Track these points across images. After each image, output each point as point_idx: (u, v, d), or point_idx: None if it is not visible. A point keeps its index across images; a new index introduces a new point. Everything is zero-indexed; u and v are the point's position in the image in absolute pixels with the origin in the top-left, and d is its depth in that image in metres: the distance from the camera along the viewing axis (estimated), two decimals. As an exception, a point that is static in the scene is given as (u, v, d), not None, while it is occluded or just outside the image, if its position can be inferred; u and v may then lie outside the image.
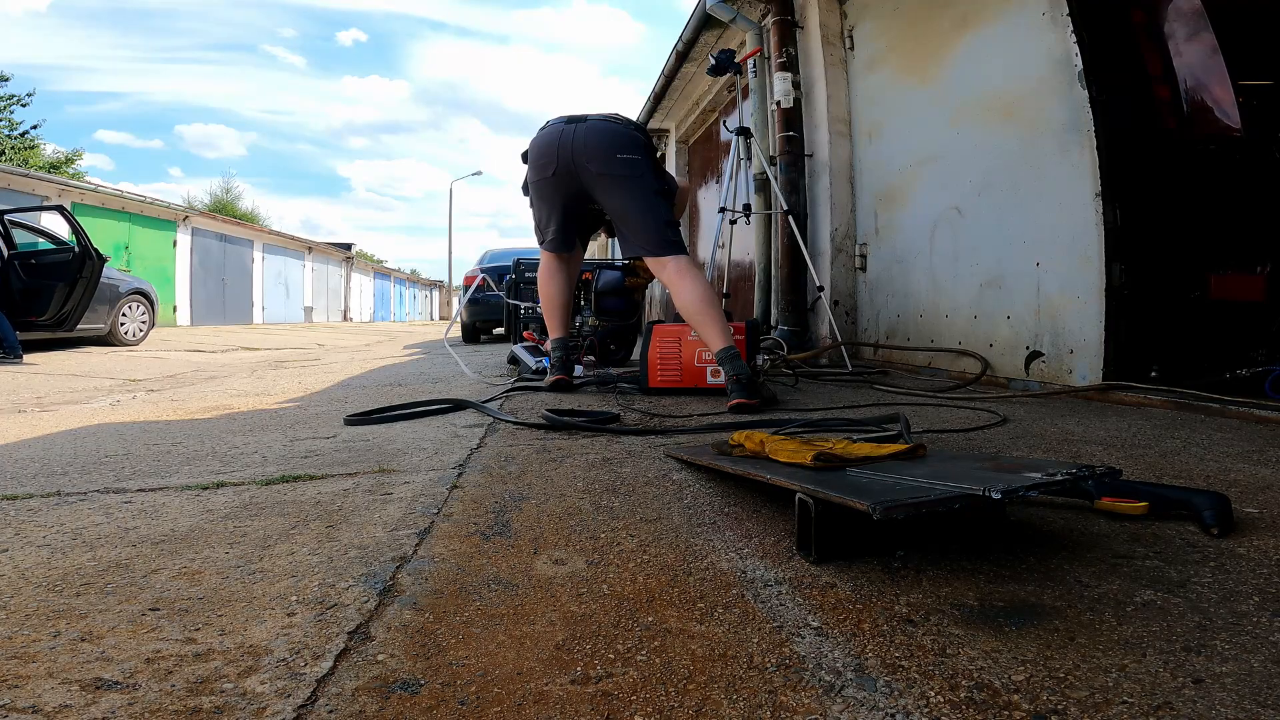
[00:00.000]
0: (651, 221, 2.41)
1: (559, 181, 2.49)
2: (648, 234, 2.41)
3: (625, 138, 2.42)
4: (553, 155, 2.46)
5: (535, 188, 2.59)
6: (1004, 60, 2.80)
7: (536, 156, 2.52)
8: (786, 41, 4.11)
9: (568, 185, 2.50)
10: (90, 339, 6.94)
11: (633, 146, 2.42)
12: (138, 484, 1.32)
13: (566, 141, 2.43)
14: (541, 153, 2.49)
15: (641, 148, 2.44)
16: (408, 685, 0.60)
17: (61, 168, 19.92)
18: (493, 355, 5.12)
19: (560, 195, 2.55)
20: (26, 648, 0.67)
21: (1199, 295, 2.42)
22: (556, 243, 2.65)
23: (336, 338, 10.94)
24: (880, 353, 3.70)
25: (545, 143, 2.49)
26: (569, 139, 2.43)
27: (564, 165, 2.44)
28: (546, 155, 2.48)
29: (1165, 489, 1.02)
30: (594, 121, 2.45)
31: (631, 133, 2.46)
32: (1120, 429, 1.73)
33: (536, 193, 2.60)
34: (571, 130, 2.44)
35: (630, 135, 2.44)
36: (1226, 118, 2.40)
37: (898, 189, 3.61)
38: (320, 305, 23.79)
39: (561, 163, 2.44)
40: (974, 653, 0.63)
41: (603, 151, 2.40)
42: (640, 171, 2.41)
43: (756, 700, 0.57)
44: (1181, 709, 0.54)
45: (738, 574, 0.83)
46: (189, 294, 16.36)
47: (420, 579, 0.83)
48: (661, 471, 1.34)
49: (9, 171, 12.41)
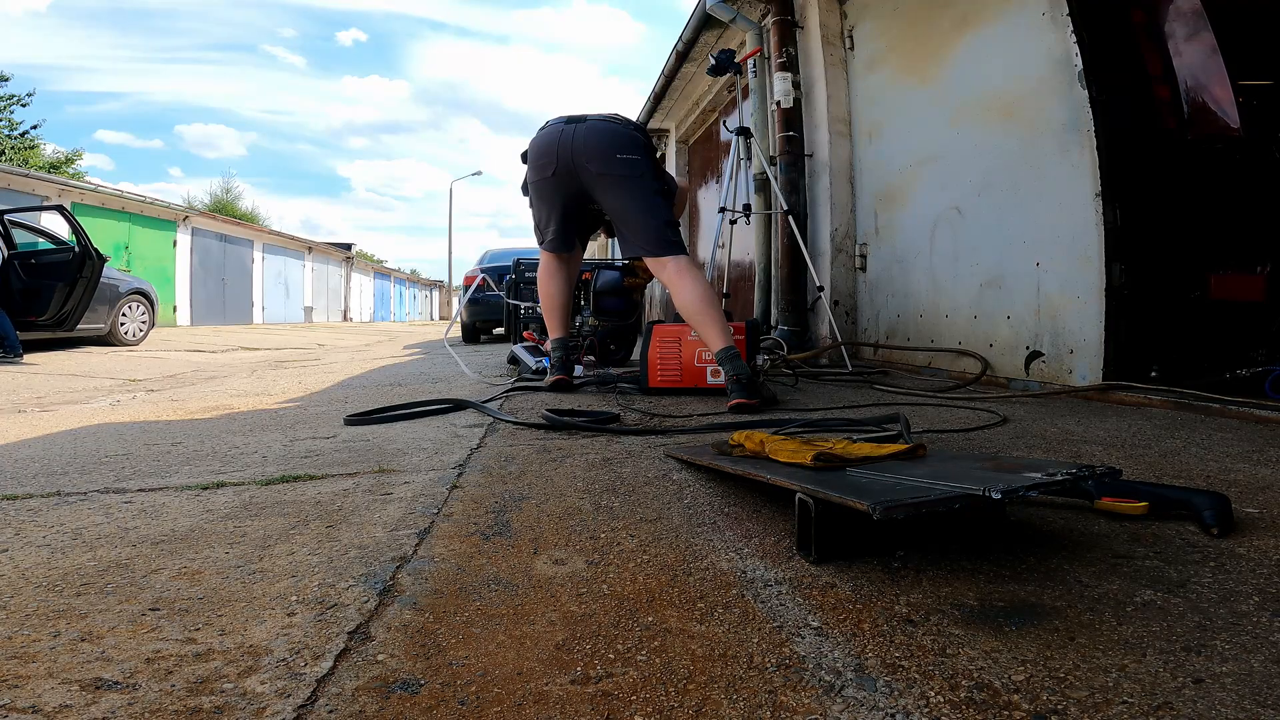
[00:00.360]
0: (651, 221, 2.41)
1: (559, 182, 2.49)
2: (647, 234, 2.42)
3: (625, 138, 2.42)
4: (552, 155, 2.46)
5: (535, 188, 2.59)
6: (1004, 60, 2.80)
7: (536, 157, 2.52)
8: (786, 41, 4.11)
9: (567, 185, 2.50)
10: (90, 339, 6.95)
11: (632, 146, 2.42)
12: (138, 484, 1.32)
13: (566, 141, 2.43)
14: (541, 153, 2.49)
15: (641, 148, 2.44)
16: (408, 685, 0.60)
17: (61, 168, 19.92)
18: (493, 355, 5.12)
19: (560, 195, 2.55)
20: (26, 648, 0.67)
21: (1199, 295, 2.42)
22: (556, 243, 2.65)
23: (336, 338, 10.94)
24: (880, 353, 3.70)
25: (545, 143, 2.48)
26: (569, 139, 2.43)
27: (564, 165, 2.44)
28: (546, 155, 2.47)
29: (1165, 489, 1.02)
30: (594, 121, 2.45)
31: (631, 133, 2.46)
32: (1120, 429, 1.73)
33: (536, 193, 2.60)
34: (571, 130, 2.44)
35: (630, 135, 2.44)
36: (1226, 118, 2.40)
37: (898, 189, 3.61)
38: (320, 305, 23.79)
39: (561, 163, 2.44)
40: (974, 653, 0.63)
41: (602, 151, 2.40)
42: (640, 171, 2.41)
43: (756, 700, 0.57)
44: (1181, 709, 0.54)
45: (738, 574, 0.83)
46: (189, 294, 16.36)
47: (420, 579, 0.83)
48: (661, 471, 1.34)
49: (9, 171, 12.41)
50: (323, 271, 24.34)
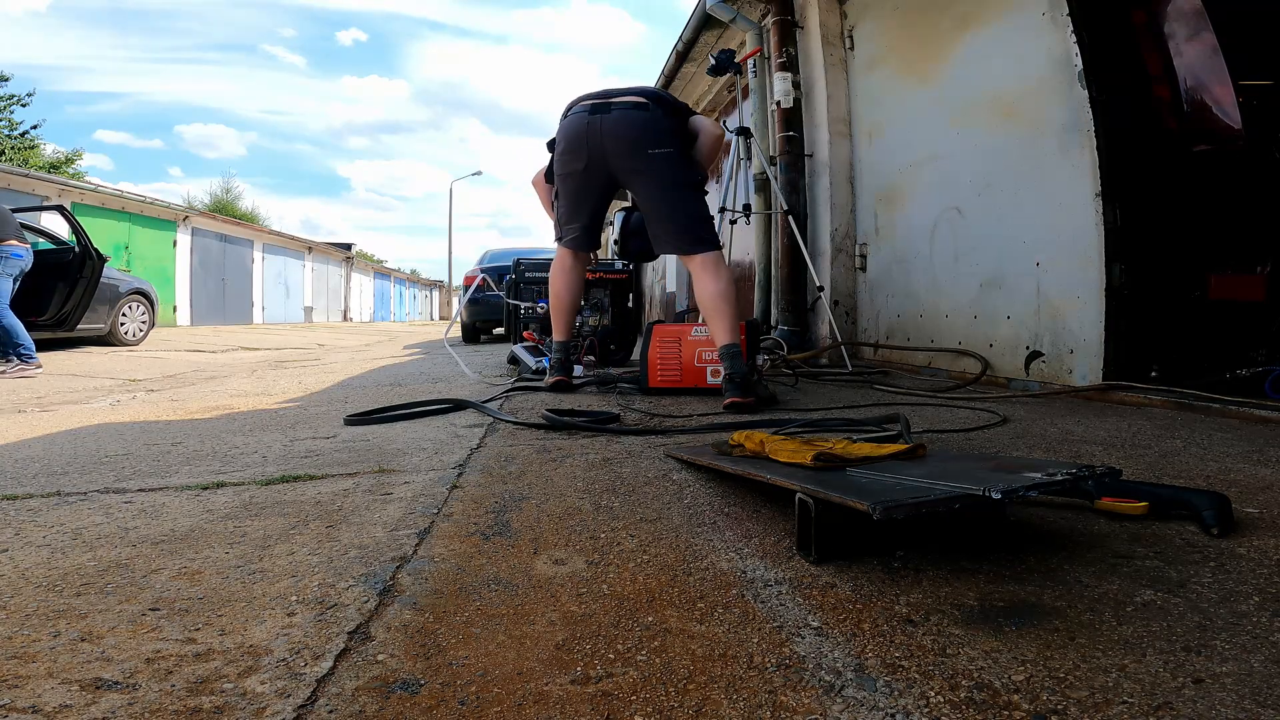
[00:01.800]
0: (682, 219, 2.36)
1: (589, 175, 2.43)
2: (679, 233, 2.37)
3: (656, 129, 2.34)
4: (581, 148, 2.39)
5: (563, 181, 2.50)
6: (1004, 60, 2.80)
7: (564, 148, 2.44)
8: (786, 41, 4.11)
9: (598, 178, 2.44)
10: (90, 339, 6.94)
11: (664, 137, 2.35)
12: (138, 484, 1.32)
13: (595, 132, 2.36)
14: (570, 145, 2.42)
15: (672, 135, 2.38)
16: (408, 685, 0.60)
17: (61, 168, 19.91)
18: (493, 355, 5.12)
19: (591, 190, 2.48)
20: (26, 648, 0.67)
21: (1199, 295, 2.42)
22: (578, 240, 2.58)
23: (336, 338, 10.94)
24: (880, 353, 3.70)
25: (573, 134, 2.40)
26: (597, 130, 2.35)
27: (594, 158, 2.38)
28: (575, 147, 2.40)
29: (1165, 489, 1.02)
30: (621, 110, 2.36)
31: (662, 119, 2.37)
32: (1120, 429, 1.73)
33: (563, 186, 2.51)
34: (598, 122, 2.36)
35: (661, 124, 2.36)
36: (1227, 118, 2.40)
37: (898, 189, 3.61)
38: (320, 305, 23.78)
39: (592, 157, 2.38)
40: (974, 653, 0.63)
41: (633, 146, 2.34)
42: (671, 165, 2.35)
43: (756, 700, 0.57)
44: (1181, 709, 0.54)
45: (738, 574, 0.83)
46: (189, 294, 16.35)
47: (420, 579, 0.83)
48: (661, 471, 1.34)
49: (9, 171, 12.41)
50: (323, 271, 24.33)
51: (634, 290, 4.43)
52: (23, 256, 4.67)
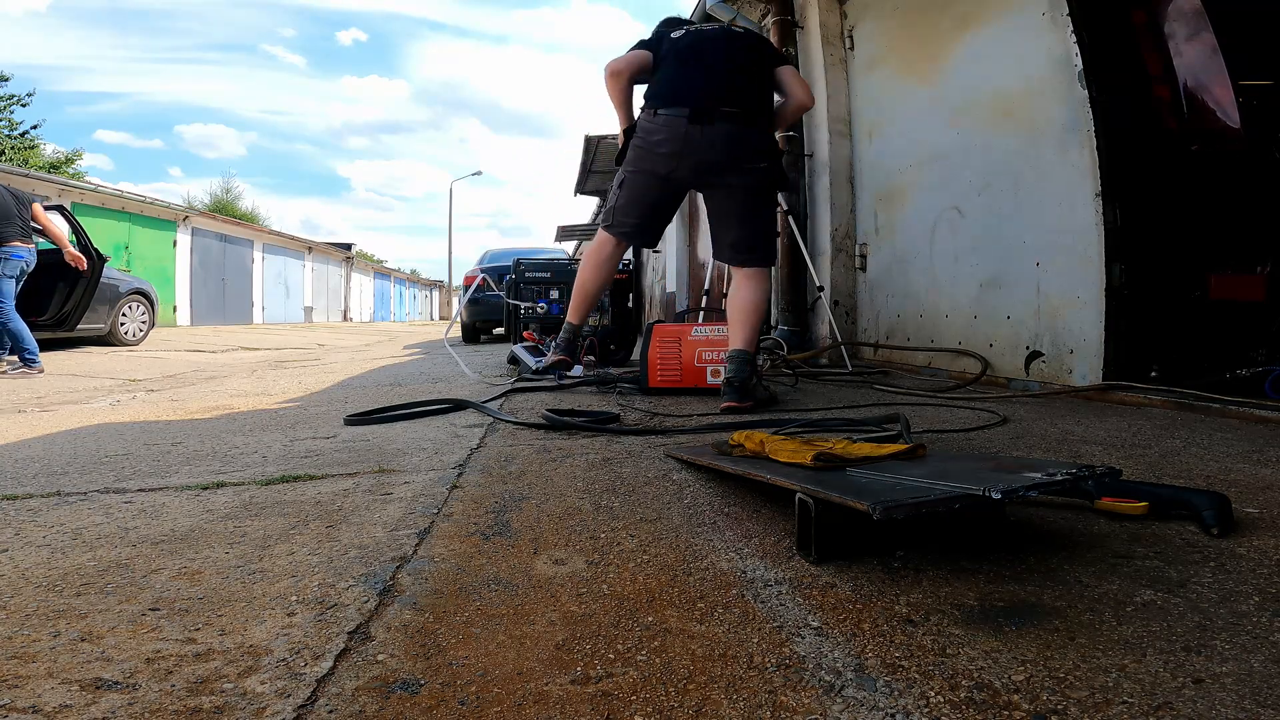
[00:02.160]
0: (750, 233, 2.31)
1: (669, 184, 2.35)
2: (745, 247, 2.31)
3: (754, 147, 2.25)
4: (675, 157, 2.26)
5: (635, 176, 2.37)
6: (1004, 60, 2.80)
7: (654, 152, 2.29)
8: (786, 41, 4.11)
9: (676, 187, 2.38)
10: (90, 339, 6.94)
11: (763, 151, 2.27)
12: (138, 484, 1.32)
13: (692, 145, 2.22)
14: (663, 151, 2.27)
15: (771, 151, 2.30)
16: (408, 685, 0.60)
17: (61, 168, 19.90)
18: (493, 355, 5.12)
19: (666, 196, 2.41)
20: (26, 648, 0.67)
21: (1199, 295, 2.42)
22: (633, 236, 2.47)
23: (336, 338, 10.94)
24: (880, 353, 3.70)
25: (669, 140, 2.24)
26: (695, 142, 2.21)
27: (681, 171, 2.28)
28: (668, 154, 2.26)
29: (1165, 489, 1.02)
30: (724, 125, 2.21)
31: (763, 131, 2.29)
32: (1120, 429, 1.73)
33: (634, 181, 2.38)
34: (698, 134, 2.21)
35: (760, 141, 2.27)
36: (1226, 118, 2.39)
37: (898, 189, 3.61)
38: (320, 305, 23.77)
39: (680, 167, 2.27)
40: (974, 653, 0.63)
41: (729, 163, 2.24)
42: (760, 181, 2.28)
43: (756, 700, 0.57)
44: (1181, 709, 0.54)
45: (738, 574, 0.83)
46: (189, 294, 16.35)
47: (420, 579, 0.83)
48: (661, 471, 1.34)
49: (9, 171, 12.40)
50: (323, 271, 24.32)
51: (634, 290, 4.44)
52: (24, 256, 4.68)
